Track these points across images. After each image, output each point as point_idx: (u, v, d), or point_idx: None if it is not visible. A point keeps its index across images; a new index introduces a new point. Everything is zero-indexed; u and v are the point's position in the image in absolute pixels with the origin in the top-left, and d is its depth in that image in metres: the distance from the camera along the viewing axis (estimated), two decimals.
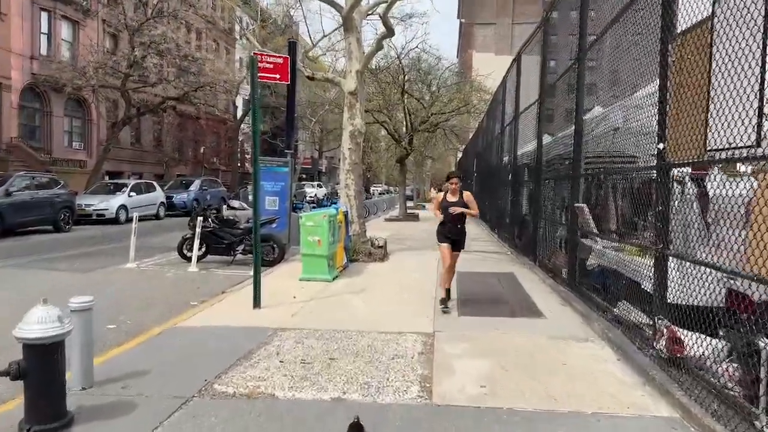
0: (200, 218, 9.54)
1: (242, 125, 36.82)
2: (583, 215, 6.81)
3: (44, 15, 24.52)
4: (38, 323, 3.11)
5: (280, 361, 4.44)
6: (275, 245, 9.81)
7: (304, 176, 50.15)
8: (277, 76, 8.09)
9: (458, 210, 6.44)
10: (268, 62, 8.09)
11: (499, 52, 65.73)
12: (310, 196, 33.33)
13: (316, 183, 42.97)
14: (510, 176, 13.39)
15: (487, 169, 18.91)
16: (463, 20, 78.50)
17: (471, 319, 5.87)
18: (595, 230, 6.76)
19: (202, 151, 34.91)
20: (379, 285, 7.77)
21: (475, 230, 17.83)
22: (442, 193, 6.78)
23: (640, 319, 5.04)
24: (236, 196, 29.33)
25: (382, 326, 5.54)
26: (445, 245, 6.59)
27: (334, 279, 8.08)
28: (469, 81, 21.61)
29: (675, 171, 4.25)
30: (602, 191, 7.11)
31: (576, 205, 7.04)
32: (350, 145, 10.18)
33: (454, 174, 6.84)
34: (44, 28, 24.57)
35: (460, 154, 46.70)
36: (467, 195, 6.65)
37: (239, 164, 38.63)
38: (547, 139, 9.40)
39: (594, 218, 6.81)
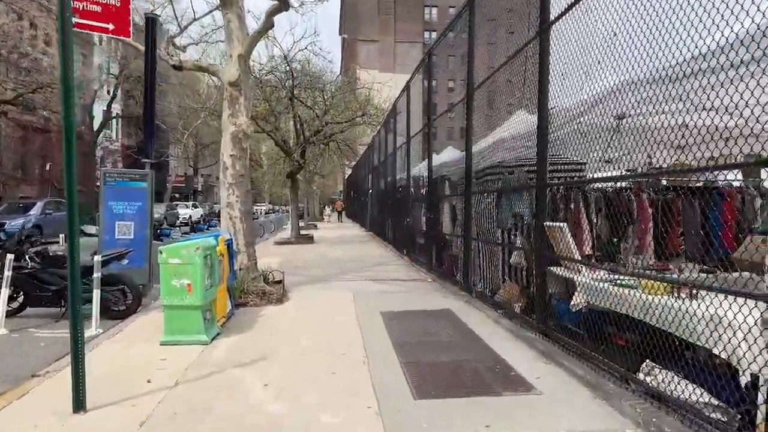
0: (10, 256, 6.55)
1: (100, 137, 32.03)
2: (562, 237, 5.08)
3: None
4: None
5: None
6: (127, 289, 7.07)
7: (177, 196, 45.57)
8: (110, 26, 5.41)
9: None
10: (91, 1, 5.35)
11: (384, 69, 65.65)
12: (184, 218, 29.66)
13: (191, 203, 38.86)
14: (423, 191, 11.67)
15: (388, 184, 17.18)
16: (345, 36, 77.81)
17: (437, 406, 3.79)
18: (581, 257, 5.07)
19: (48, 168, 29.65)
20: (283, 345, 5.45)
21: (378, 251, 15.95)
22: None
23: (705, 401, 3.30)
24: (92, 220, 24.86)
25: None
26: None
27: (213, 340, 5.62)
28: (366, 88, 19.84)
29: None
30: (598, 205, 5.46)
31: (547, 224, 5.31)
32: (233, 151, 7.74)
33: None
34: None
35: (349, 171, 45.08)
36: None
37: (97, 184, 33.60)
38: (482, 144, 7.72)
39: (581, 241, 5.13)
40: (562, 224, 5.00)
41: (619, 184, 6.00)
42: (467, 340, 5.49)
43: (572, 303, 4.89)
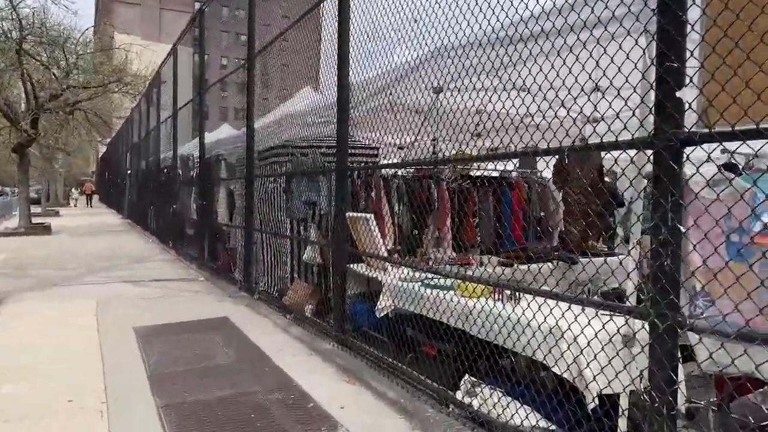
0: None
1: None
2: (367, 231, 4.32)
3: None
4: None
5: None
6: None
7: None
8: None
9: None
10: None
11: (147, 37, 58.72)
12: None
13: None
14: (194, 173, 10.06)
15: (151, 164, 14.82)
16: None
17: None
18: (387, 252, 4.38)
19: None
20: None
21: (137, 244, 13.65)
22: None
23: None
24: None
25: None
26: None
27: None
28: (123, 49, 16.77)
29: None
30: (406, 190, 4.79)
31: (350, 215, 4.50)
32: None
33: None
34: None
35: (103, 148, 39.22)
36: None
37: None
38: (267, 119, 6.62)
39: (392, 233, 4.42)
40: (368, 215, 4.24)
41: (416, 171, 5.55)
42: (252, 361, 4.39)
43: (377, 307, 4.17)
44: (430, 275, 3.83)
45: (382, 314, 4.11)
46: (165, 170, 12.62)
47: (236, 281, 7.44)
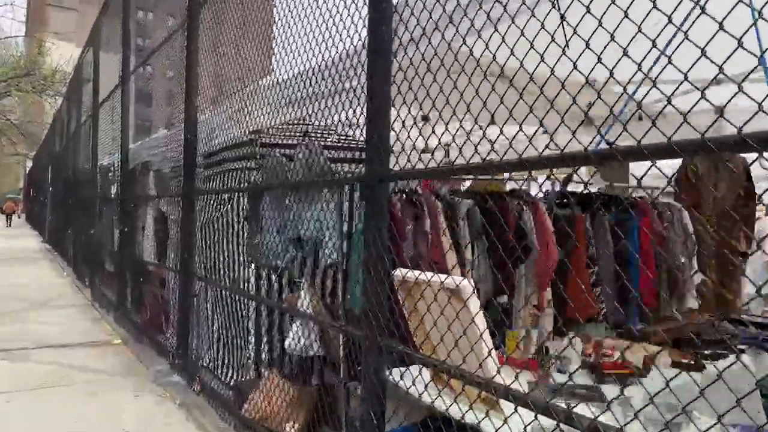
0: None
1: None
2: (459, 317, 1.93)
3: None
4: None
5: None
6: None
7: None
8: None
9: None
10: None
11: (83, 44, 54.53)
12: None
13: None
14: (117, 188, 7.42)
15: (72, 178, 11.94)
16: None
17: None
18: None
19: None
20: None
21: (48, 278, 10.69)
22: None
23: None
24: None
25: None
26: None
27: None
28: (38, 41, 13.80)
29: None
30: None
31: (402, 274, 2.11)
32: None
33: None
34: None
35: (30, 163, 35.12)
36: None
37: None
38: (221, 109, 4.18)
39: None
40: (461, 283, 1.85)
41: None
42: None
43: None
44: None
45: None
46: (84, 184, 9.83)
47: (167, 351, 4.88)
